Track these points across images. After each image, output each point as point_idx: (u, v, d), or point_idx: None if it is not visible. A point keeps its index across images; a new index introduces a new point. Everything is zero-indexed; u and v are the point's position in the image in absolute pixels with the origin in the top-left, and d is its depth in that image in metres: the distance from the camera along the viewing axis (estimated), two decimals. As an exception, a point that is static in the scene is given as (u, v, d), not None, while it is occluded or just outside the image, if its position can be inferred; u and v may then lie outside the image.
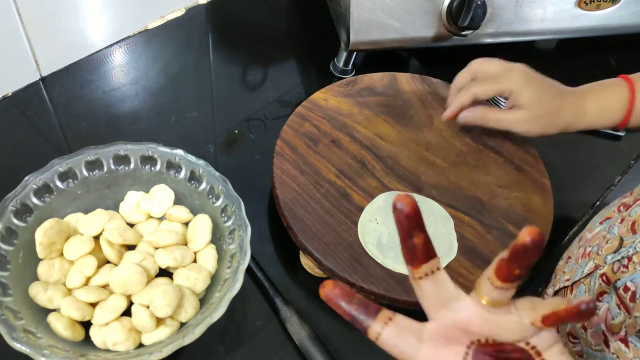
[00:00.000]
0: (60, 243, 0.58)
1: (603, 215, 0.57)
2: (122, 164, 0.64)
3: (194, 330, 0.52)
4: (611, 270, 0.47)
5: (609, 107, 0.63)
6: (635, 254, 0.45)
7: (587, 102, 0.63)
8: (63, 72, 0.81)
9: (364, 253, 0.61)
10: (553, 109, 0.62)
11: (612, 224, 0.53)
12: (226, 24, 0.93)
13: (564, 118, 0.63)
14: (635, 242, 0.46)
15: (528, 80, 0.62)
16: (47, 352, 0.49)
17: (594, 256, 0.51)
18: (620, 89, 0.62)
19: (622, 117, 0.62)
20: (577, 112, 0.63)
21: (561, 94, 0.63)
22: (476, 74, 0.66)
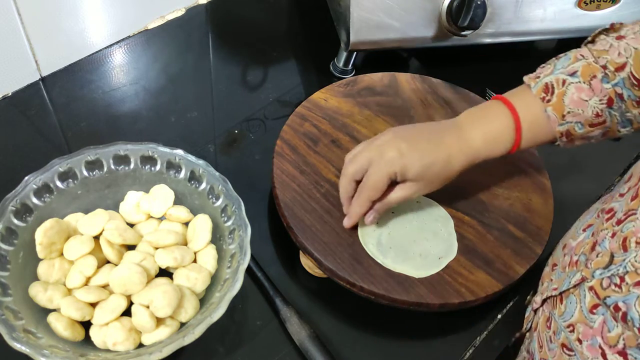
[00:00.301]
0: (60, 243, 0.58)
1: (585, 222, 0.56)
2: (122, 164, 0.64)
3: (194, 330, 0.52)
4: (600, 285, 0.47)
5: (496, 140, 0.59)
6: (627, 273, 0.45)
7: (474, 140, 0.58)
8: (63, 72, 0.81)
9: (364, 253, 0.61)
10: (442, 165, 0.58)
11: (596, 231, 0.52)
12: (226, 24, 0.93)
13: (455, 165, 0.58)
14: (626, 260, 0.45)
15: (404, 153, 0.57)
16: (47, 352, 0.49)
17: (581, 267, 0.50)
18: (503, 118, 0.58)
19: (511, 144, 0.59)
20: (467, 156, 0.59)
21: (440, 143, 0.58)
22: (355, 175, 0.59)
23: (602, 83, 0.56)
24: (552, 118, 0.57)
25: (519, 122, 0.58)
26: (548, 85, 0.57)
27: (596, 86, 0.56)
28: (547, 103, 0.57)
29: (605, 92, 0.56)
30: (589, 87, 0.56)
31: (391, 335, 0.62)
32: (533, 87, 0.58)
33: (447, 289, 0.59)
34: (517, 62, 0.94)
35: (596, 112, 0.56)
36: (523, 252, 0.63)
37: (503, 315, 0.65)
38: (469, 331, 0.63)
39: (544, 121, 0.58)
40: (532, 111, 0.58)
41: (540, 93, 0.57)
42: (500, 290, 0.61)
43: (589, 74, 0.56)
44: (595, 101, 0.56)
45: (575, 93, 0.56)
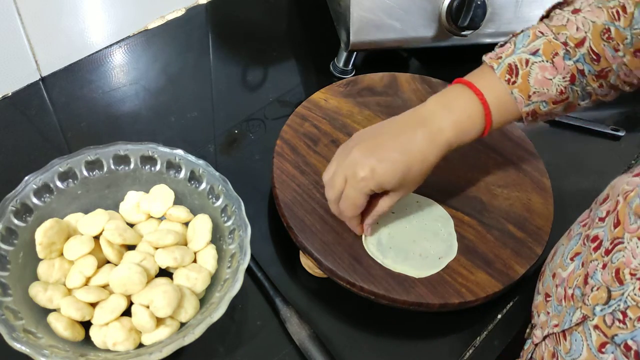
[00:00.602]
0: (60, 243, 0.58)
1: (571, 249, 0.55)
2: (122, 164, 0.64)
3: (194, 330, 0.52)
4: (604, 323, 0.46)
5: (468, 128, 0.57)
6: (629, 308, 0.44)
7: (444, 131, 0.56)
8: (63, 72, 0.81)
9: (364, 253, 0.61)
10: (418, 167, 0.56)
11: (585, 261, 0.51)
12: (226, 24, 0.93)
13: (431, 161, 0.57)
14: (625, 294, 0.44)
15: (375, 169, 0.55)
16: (47, 352, 0.49)
17: (579, 304, 0.49)
18: (472, 104, 0.57)
19: (482, 128, 0.58)
20: (440, 148, 0.57)
21: (412, 144, 0.56)
22: (337, 199, 0.59)
23: (564, 60, 0.55)
24: (518, 99, 0.57)
25: (487, 107, 0.57)
26: (512, 66, 0.56)
27: (559, 64, 0.56)
28: (512, 85, 0.56)
29: (568, 69, 0.56)
30: (552, 65, 0.56)
31: (391, 335, 0.62)
32: (496, 68, 0.57)
33: (447, 289, 0.59)
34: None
35: (560, 89, 0.56)
36: (523, 252, 0.63)
37: (503, 315, 0.65)
38: (469, 331, 0.63)
39: (511, 103, 0.57)
40: (498, 94, 0.57)
41: (505, 75, 0.56)
42: (500, 290, 0.61)
43: (551, 52, 0.56)
44: (559, 79, 0.56)
45: (540, 72, 0.56)
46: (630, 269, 0.44)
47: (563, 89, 0.56)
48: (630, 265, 0.45)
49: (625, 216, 0.47)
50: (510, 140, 0.74)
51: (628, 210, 0.47)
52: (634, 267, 0.44)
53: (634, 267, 0.44)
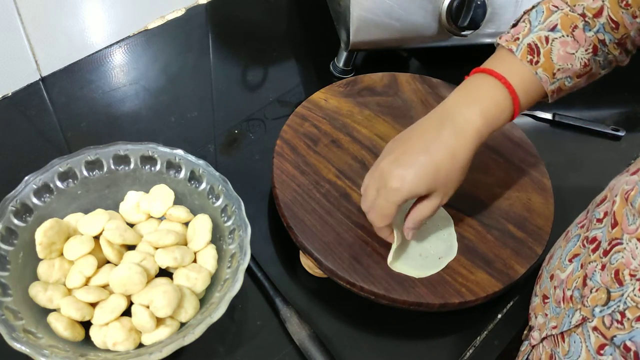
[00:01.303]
0: (60, 243, 0.58)
1: (569, 251, 0.54)
2: (122, 164, 0.64)
3: (194, 330, 0.52)
4: (602, 324, 0.45)
5: (497, 115, 0.55)
6: (628, 308, 0.43)
7: (472, 122, 0.55)
8: (63, 72, 0.81)
9: (363, 253, 0.61)
10: (449, 166, 0.55)
11: (584, 263, 0.50)
12: (226, 24, 0.93)
13: (463, 158, 0.55)
14: (624, 295, 0.44)
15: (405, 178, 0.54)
16: (47, 352, 0.49)
17: (579, 306, 0.49)
18: (497, 91, 0.55)
19: (511, 114, 0.56)
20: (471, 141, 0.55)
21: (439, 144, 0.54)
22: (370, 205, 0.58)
23: (584, 32, 0.55)
24: (543, 79, 0.56)
25: (514, 92, 0.55)
26: (532, 45, 0.55)
27: (580, 37, 0.55)
28: (535, 65, 0.55)
29: (590, 41, 0.55)
30: (573, 39, 0.55)
31: (391, 335, 0.62)
32: (516, 50, 0.56)
33: (447, 289, 0.59)
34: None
35: (584, 62, 0.56)
36: (523, 252, 0.63)
37: (503, 315, 0.65)
38: (469, 331, 0.63)
39: (536, 83, 0.56)
40: (522, 76, 0.56)
41: (526, 56, 0.55)
42: (500, 290, 0.61)
43: (570, 25, 0.55)
44: (582, 52, 0.55)
45: (561, 48, 0.55)
46: (630, 269, 0.44)
47: (587, 61, 0.56)
48: (630, 266, 0.44)
49: (622, 217, 0.47)
50: (510, 141, 0.74)
51: (626, 211, 0.46)
52: (633, 267, 0.44)
53: (634, 268, 0.44)
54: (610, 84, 0.91)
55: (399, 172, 0.54)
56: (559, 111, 0.85)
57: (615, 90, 0.91)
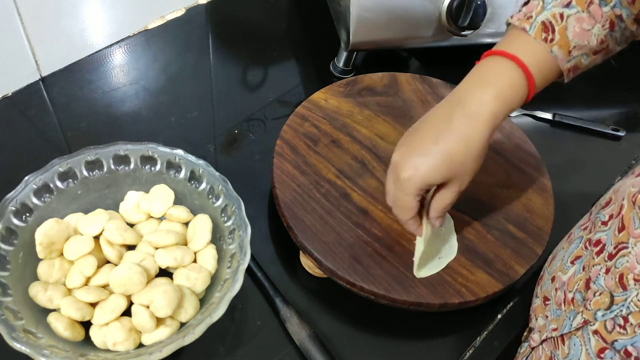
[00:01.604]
0: (60, 243, 0.58)
1: (571, 253, 0.54)
2: (122, 164, 0.64)
3: (194, 330, 0.52)
4: (604, 328, 0.45)
5: (511, 97, 0.54)
6: (631, 313, 0.43)
7: (487, 105, 0.53)
8: (63, 72, 0.81)
9: (363, 253, 0.61)
10: (463, 153, 0.53)
11: (587, 265, 0.50)
12: (226, 24, 0.93)
13: (478, 143, 0.53)
14: (627, 299, 0.44)
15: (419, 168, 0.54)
16: (47, 352, 0.49)
17: (580, 308, 0.48)
18: (509, 71, 0.54)
19: (526, 94, 0.55)
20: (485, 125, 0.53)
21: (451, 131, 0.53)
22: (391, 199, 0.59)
23: (601, 8, 0.53)
24: (559, 57, 0.54)
25: (528, 71, 0.53)
26: (546, 23, 0.53)
27: (596, 12, 0.53)
28: (550, 43, 0.53)
29: (606, 17, 0.53)
30: (589, 15, 0.53)
31: (391, 335, 0.62)
32: (529, 29, 0.54)
33: (447, 289, 0.59)
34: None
35: (600, 39, 0.54)
36: (523, 252, 0.63)
37: (503, 315, 0.65)
38: (469, 331, 0.63)
39: (551, 62, 0.54)
40: (536, 55, 0.54)
41: (540, 34, 0.53)
42: (500, 290, 0.61)
43: (585, 1, 0.53)
44: (598, 28, 0.53)
45: (577, 25, 0.53)
46: (634, 274, 0.44)
47: (603, 37, 0.54)
48: (635, 271, 0.44)
49: (630, 220, 0.46)
50: (510, 141, 0.74)
51: (633, 214, 0.46)
52: (638, 272, 0.44)
53: (638, 273, 0.44)
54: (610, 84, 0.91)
55: (411, 162, 0.54)
56: (559, 111, 0.85)
57: (615, 90, 0.91)
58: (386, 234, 0.63)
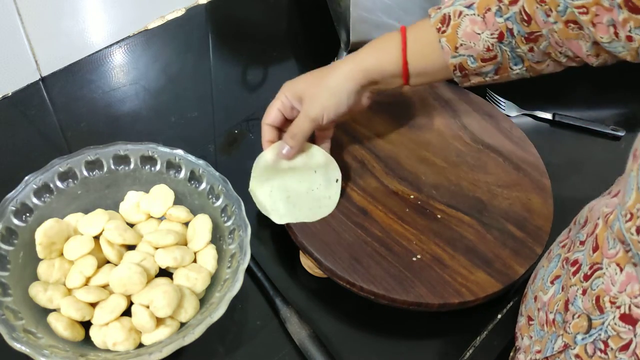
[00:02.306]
0: (60, 243, 0.58)
1: (551, 272, 0.54)
2: (122, 164, 0.64)
3: (194, 330, 0.52)
4: (585, 353, 0.45)
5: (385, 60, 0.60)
6: (610, 337, 0.43)
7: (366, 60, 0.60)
8: (63, 72, 0.81)
9: (363, 253, 0.61)
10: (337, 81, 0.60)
11: (565, 286, 0.50)
12: (226, 24, 0.93)
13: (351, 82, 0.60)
14: (605, 323, 0.43)
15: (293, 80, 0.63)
16: (47, 352, 0.49)
17: (561, 331, 0.48)
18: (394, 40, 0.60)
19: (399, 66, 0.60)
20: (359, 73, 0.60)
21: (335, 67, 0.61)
22: None
23: (495, 17, 0.56)
24: (445, 49, 0.58)
25: (404, 42, 0.59)
26: (445, 16, 0.58)
27: (489, 19, 0.56)
28: (441, 34, 0.58)
29: (497, 26, 0.56)
30: (482, 19, 0.56)
31: (391, 335, 0.62)
32: (432, 17, 0.59)
33: (447, 289, 0.59)
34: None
35: (487, 46, 0.57)
36: (523, 252, 0.63)
37: (503, 315, 0.65)
38: (469, 331, 0.63)
39: (437, 51, 0.58)
40: (425, 39, 0.59)
41: (437, 24, 0.58)
42: (500, 290, 0.61)
43: (485, 7, 0.56)
44: (487, 35, 0.56)
45: (469, 25, 0.57)
46: (610, 296, 0.44)
47: (490, 45, 0.56)
48: (610, 293, 0.44)
49: (604, 240, 0.46)
50: (510, 140, 0.74)
51: (608, 234, 0.45)
52: (613, 294, 0.43)
53: (613, 295, 0.43)
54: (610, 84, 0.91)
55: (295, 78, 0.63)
56: (559, 111, 0.85)
57: (615, 90, 0.91)
58: (386, 234, 0.63)
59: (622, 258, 0.43)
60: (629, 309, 0.42)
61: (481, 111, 0.77)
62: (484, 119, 0.76)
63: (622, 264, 0.43)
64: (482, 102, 0.79)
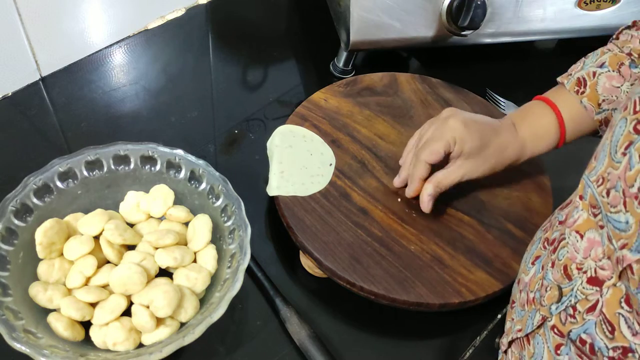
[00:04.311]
0: (60, 243, 0.58)
1: (532, 254, 0.55)
2: (122, 164, 0.64)
3: (194, 330, 0.52)
4: (559, 321, 0.46)
5: (543, 135, 0.63)
6: (578, 302, 0.44)
7: (523, 136, 0.63)
8: (63, 72, 0.81)
9: (363, 253, 0.61)
10: (497, 149, 0.62)
11: (544, 264, 0.51)
12: (226, 24, 0.93)
13: (509, 154, 0.63)
14: (574, 289, 0.45)
15: (467, 125, 0.61)
16: (47, 352, 0.49)
17: (538, 307, 0.49)
18: (547, 114, 0.63)
19: (557, 137, 0.64)
20: (518, 146, 0.63)
21: (497, 130, 0.62)
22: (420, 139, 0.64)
23: (630, 68, 0.59)
24: (589, 108, 0.61)
25: (560, 116, 0.62)
26: (580, 79, 0.62)
27: (625, 72, 0.60)
28: (581, 95, 0.61)
29: (636, 76, 0.59)
30: (619, 74, 0.60)
31: (391, 335, 0.62)
32: (567, 83, 0.63)
33: (447, 288, 0.59)
34: (517, 62, 0.94)
35: None
36: (523, 252, 0.63)
37: (503, 315, 0.65)
38: (469, 331, 0.63)
39: (583, 113, 0.62)
40: (571, 105, 0.62)
41: (574, 87, 0.62)
42: (500, 289, 0.61)
43: (617, 63, 0.60)
44: (627, 86, 0.60)
45: (607, 82, 0.60)
46: (576, 263, 0.45)
47: None
48: (576, 260, 0.45)
49: (571, 212, 0.48)
50: (510, 140, 0.74)
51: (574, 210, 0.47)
52: (579, 261, 0.45)
53: (579, 262, 0.45)
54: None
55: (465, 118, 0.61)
56: (559, 111, 0.85)
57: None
58: (386, 234, 0.63)
59: (582, 225, 0.46)
60: (595, 272, 0.43)
61: (481, 111, 0.77)
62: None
63: (581, 231, 0.45)
64: (482, 102, 0.79)
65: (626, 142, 0.41)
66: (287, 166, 0.66)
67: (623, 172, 0.40)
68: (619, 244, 0.40)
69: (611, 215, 0.41)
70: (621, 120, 0.43)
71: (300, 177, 0.66)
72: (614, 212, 0.41)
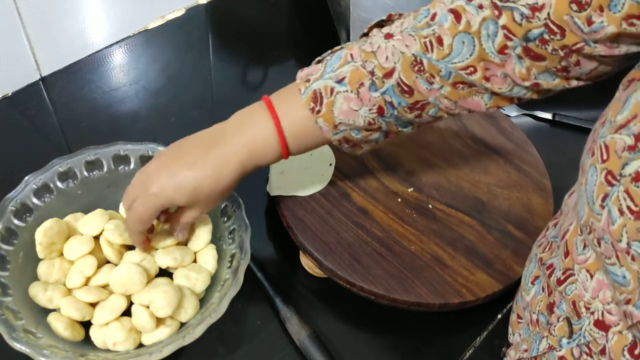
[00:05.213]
0: (60, 243, 0.58)
1: (531, 273, 0.54)
2: (122, 164, 0.64)
3: (194, 330, 0.52)
4: (571, 356, 0.45)
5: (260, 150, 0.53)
6: (590, 342, 0.43)
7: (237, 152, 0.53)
8: (63, 72, 0.81)
9: (363, 253, 0.61)
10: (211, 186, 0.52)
11: (544, 286, 0.50)
12: (226, 24, 0.93)
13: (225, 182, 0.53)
14: (582, 328, 0.44)
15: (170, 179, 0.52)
16: (47, 352, 0.49)
17: (545, 333, 0.48)
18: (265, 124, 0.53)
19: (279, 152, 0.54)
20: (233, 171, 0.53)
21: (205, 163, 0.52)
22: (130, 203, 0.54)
23: (370, 91, 0.51)
24: (324, 128, 0.53)
25: (282, 132, 0.53)
26: (317, 93, 0.52)
27: (364, 95, 0.51)
28: (317, 114, 0.52)
29: (375, 101, 0.51)
30: (357, 96, 0.51)
31: (391, 335, 0.62)
32: (303, 93, 0.52)
33: (447, 289, 0.59)
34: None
35: (368, 121, 0.52)
36: (523, 253, 0.63)
37: (503, 315, 0.65)
38: (469, 331, 0.63)
39: (315, 129, 0.53)
40: (301, 120, 0.53)
41: (310, 103, 0.52)
42: (500, 290, 0.61)
43: (357, 81, 0.51)
44: (365, 111, 0.51)
45: (345, 103, 0.51)
46: (584, 302, 0.44)
47: (371, 120, 0.52)
48: (584, 299, 0.44)
49: (573, 246, 0.46)
50: (510, 141, 0.74)
51: (577, 239, 0.46)
52: (586, 300, 0.44)
53: (587, 301, 0.44)
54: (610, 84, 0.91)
55: (161, 180, 0.52)
56: (559, 111, 0.85)
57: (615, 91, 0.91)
58: (386, 234, 0.63)
59: (592, 264, 0.44)
60: (602, 316, 0.42)
61: (481, 111, 0.77)
62: (484, 119, 0.76)
63: (592, 270, 0.44)
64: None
65: (601, 193, 0.39)
66: (287, 166, 0.66)
67: (606, 226, 0.39)
68: (623, 298, 0.39)
69: (609, 267, 0.40)
70: (591, 167, 0.41)
71: (301, 177, 0.66)
72: (610, 264, 0.40)
